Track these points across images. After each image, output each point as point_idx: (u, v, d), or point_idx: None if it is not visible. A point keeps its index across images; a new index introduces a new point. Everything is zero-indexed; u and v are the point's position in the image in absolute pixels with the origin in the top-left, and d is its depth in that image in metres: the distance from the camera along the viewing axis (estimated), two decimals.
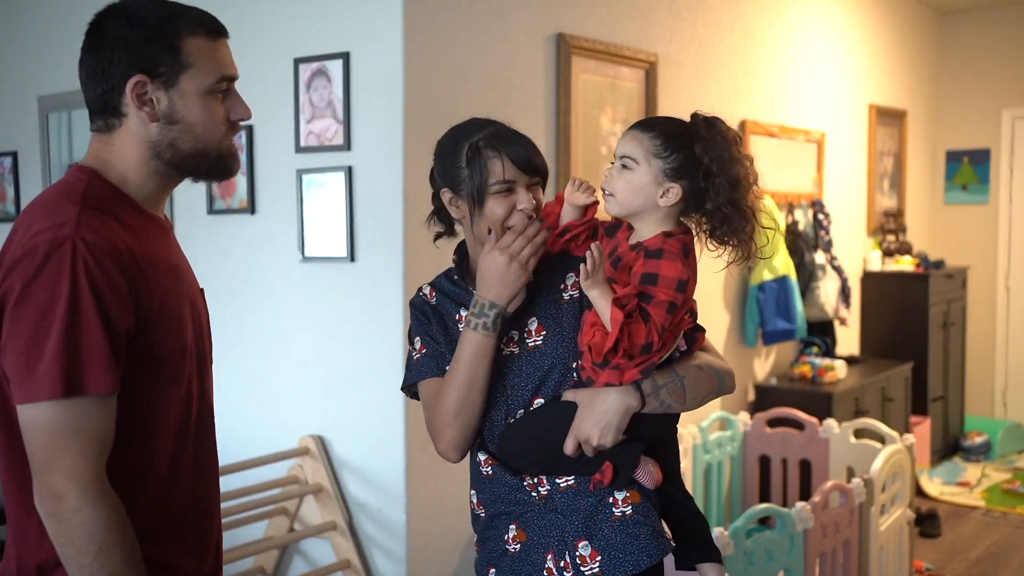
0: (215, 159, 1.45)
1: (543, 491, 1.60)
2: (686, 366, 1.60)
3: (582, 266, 1.48)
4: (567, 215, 1.64)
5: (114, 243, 1.32)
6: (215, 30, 1.43)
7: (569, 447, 1.54)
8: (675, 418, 1.64)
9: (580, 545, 1.57)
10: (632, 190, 1.55)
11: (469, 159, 1.62)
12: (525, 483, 1.61)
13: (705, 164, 1.53)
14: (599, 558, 1.56)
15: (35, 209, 1.37)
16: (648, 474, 1.58)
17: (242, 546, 2.87)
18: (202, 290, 1.60)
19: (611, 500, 1.58)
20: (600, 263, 1.49)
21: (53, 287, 1.27)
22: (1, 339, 1.31)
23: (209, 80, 1.40)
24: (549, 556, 1.59)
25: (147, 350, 1.36)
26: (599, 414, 1.52)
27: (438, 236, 1.78)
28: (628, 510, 1.58)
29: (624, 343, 1.46)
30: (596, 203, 1.63)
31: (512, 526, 1.63)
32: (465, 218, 1.65)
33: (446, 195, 1.67)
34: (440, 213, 1.75)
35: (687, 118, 1.60)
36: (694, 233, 1.60)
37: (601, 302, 1.47)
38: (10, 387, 1.33)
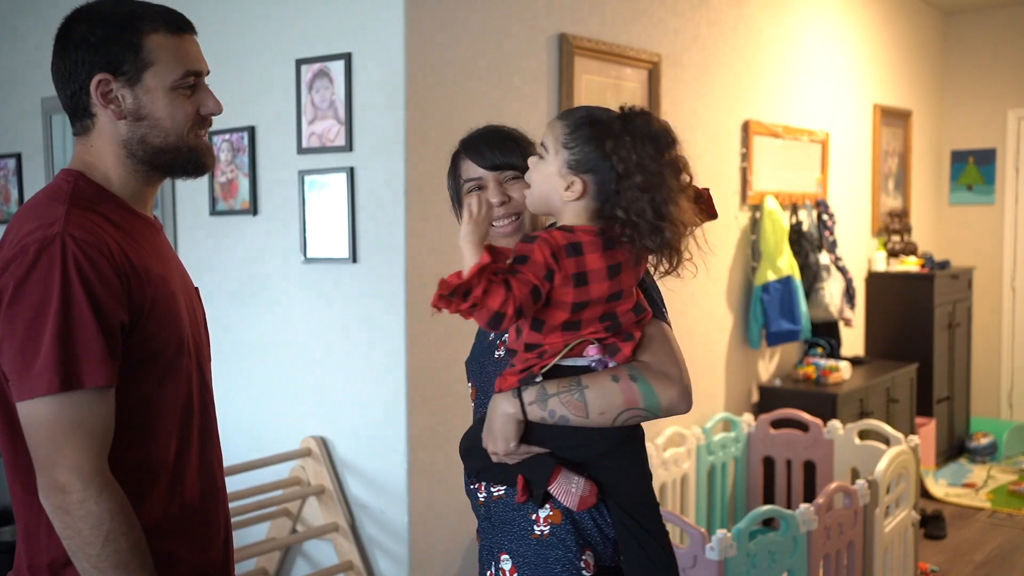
0: (187, 153, 1.47)
1: (481, 497, 1.59)
2: (597, 376, 1.43)
3: (464, 213, 1.40)
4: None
5: (103, 239, 1.35)
6: (178, 27, 1.45)
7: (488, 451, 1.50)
8: (607, 437, 1.45)
9: (503, 558, 1.54)
10: (540, 180, 1.47)
11: (452, 164, 1.71)
12: (472, 486, 1.61)
13: (612, 165, 1.41)
14: (516, 575, 1.52)
15: (24, 212, 1.39)
16: (568, 493, 1.45)
17: (245, 547, 2.86)
18: (196, 288, 1.61)
19: (533, 516, 1.51)
20: (480, 216, 1.39)
21: (45, 284, 1.29)
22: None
23: (173, 76, 1.42)
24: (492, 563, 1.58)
25: (142, 343, 1.38)
26: (488, 420, 1.47)
27: None
28: (546, 530, 1.49)
29: (477, 295, 1.34)
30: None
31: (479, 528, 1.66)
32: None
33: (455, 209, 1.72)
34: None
35: (692, 121, 1.57)
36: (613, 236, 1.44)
37: (470, 253, 1.37)
38: (10, 386, 1.34)
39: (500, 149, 1.65)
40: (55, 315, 1.28)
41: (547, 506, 1.49)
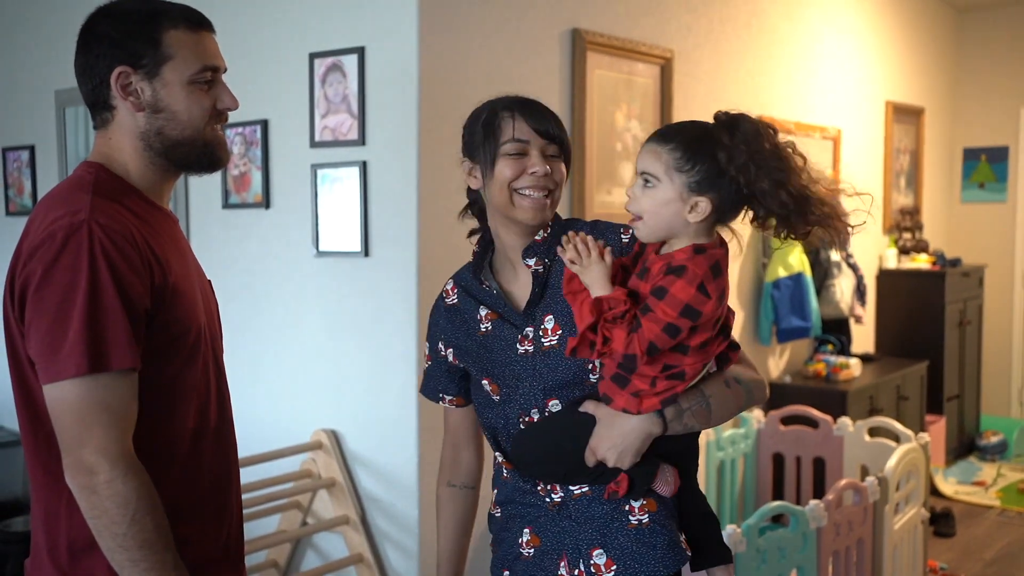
0: (202, 147, 1.49)
1: (556, 498, 1.57)
2: (714, 384, 1.52)
3: (564, 257, 1.49)
4: None
5: (128, 227, 1.38)
6: (197, 23, 1.49)
7: (589, 461, 1.51)
8: (688, 439, 1.58)
9: (595, 553, 1.54)
10: (657, 209, 1.45)
11: (485, 123, 1.60)
12: (538, 488, 1.59)
13: (732, 175, 1.43)
14: (614, 567, 1.52)
15: (49, 201, 1.42)
16: (665, 483, 1.54)
17: (255, 539, 2.88)
18: (209, 281, 1.64)
19: (627, 508, 1.54)
20: (587, 251, 1.47)
21: (73, 269, 1.31)
22: (24, 324, 1.36)
23: (191, 70, 1.46)
24: (562, 563, 1.57)
25: (164, 329, 1.41)
26: (617, 437, 1.48)
27: (471, 233, 1.73)
28: (644, 519, 1.53)
29: (599, 345, 1.41)
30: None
31: (526, 530, 1.61)
32: (482, 189, 1.61)
33: (465, 166, 1.64)
34: (473, 206, 1.71)
35: (703, 116, 1.56)
36: (731, 239, 1.52)
37: (586, 294, 1.46)
38: (34, 371, 1.37)
39: (555, 121, 1.60)
40: (83, 299, 1.30)
41: (640, 497, 1.55)
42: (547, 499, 1.58)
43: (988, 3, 6.36)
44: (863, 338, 5.46)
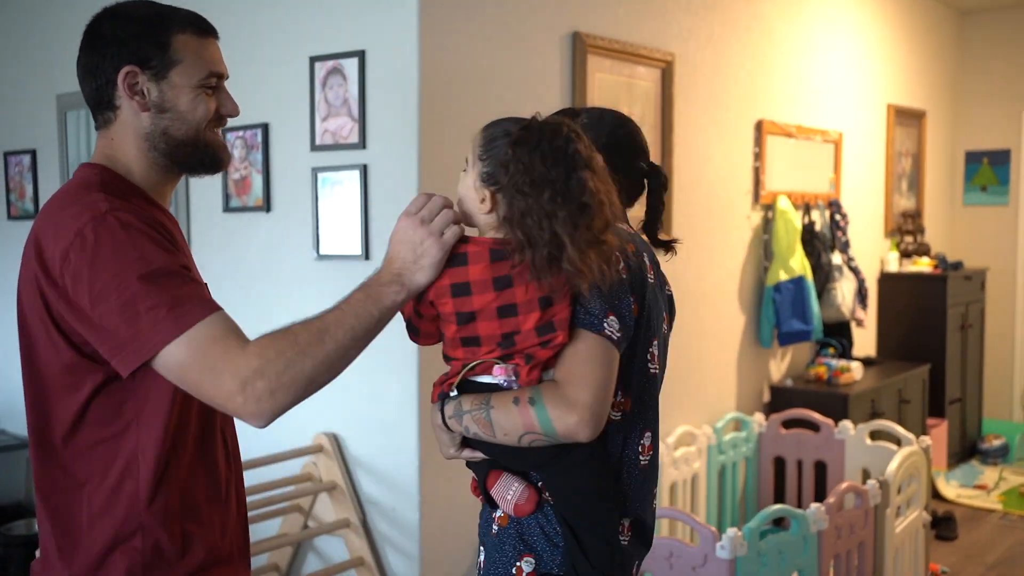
0: (203, 148, 1.51)
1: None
2: (503, 397, 1.41)
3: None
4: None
5: (146, 215, 1.40)
6: (204, 30, 1.51)
7: None
8: (537, 452, 1.42)
9: (480, 549, 1.57)
10: (462, 194, 1.47)
11: None
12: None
13: (505, 179, 1.38)
14: (483, 568, 1.55)
15: (58, 204, 1.42)
16: (504, 499, 1.46)
17: (256, 542, 2.88)
18: (206, 284, 1.64)
19: (494, 515, 1.53)
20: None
21: (117, 255, 1.32)
22: (92, 323, 1.34)
23: (198, 75, 1.47)
24: None
25: None
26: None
27: None
28: (497, 529, 1.52)
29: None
30: None
31: None
32: None
33: None
34: None
35: (704, 119, 1.53)
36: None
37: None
38: (53, 380, 1.40)
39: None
40: (141, 276, 1.31)
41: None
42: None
43: (990, 6, 6.36)
44: (864, 341, 5.46)
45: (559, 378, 1.41)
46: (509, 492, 1.46)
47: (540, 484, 1.47)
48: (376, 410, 3.00)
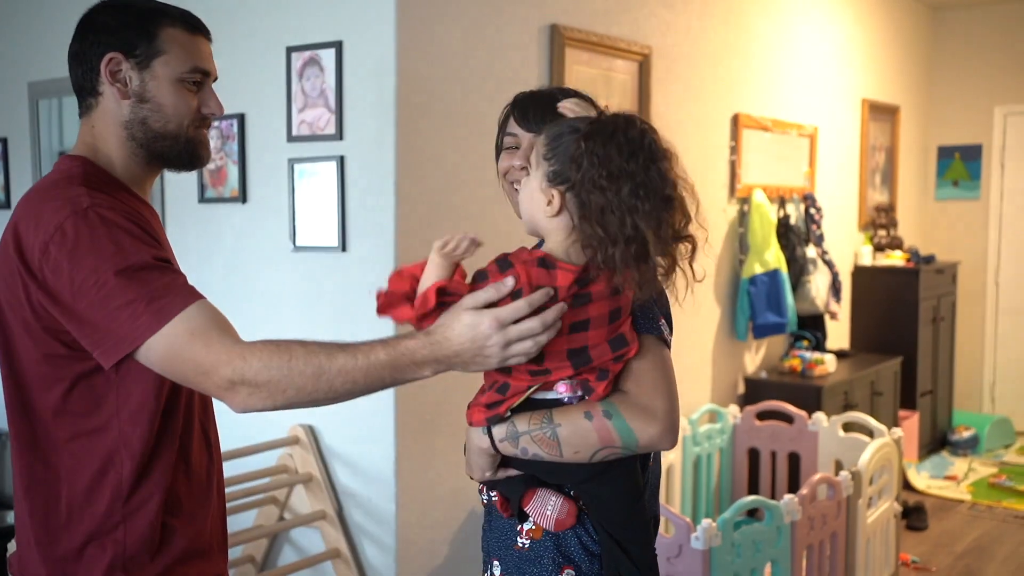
0: (184, 144, 1.50)
1: (484, 499, 1.56)
2: (570, 413, 1.35)
3: (436, 244, 1.30)
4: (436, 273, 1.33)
5: (128, 212, 1.40)
6: (195, 26, 1.51)
7: None
8: (586, 467, 1.37)
9: (494, 563, 1.51)
10: (525, 199, 1.38)
11: (502, 119, 1.64)
12: (479, 486, 1.57)
13: (577, 174, 1.30)
14: None
15: (38, 196, 1.41)
16: (543, 515, 1.41)
17: (232, 535, 2.87)
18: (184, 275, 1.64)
19: (519, 528, 1.46)
20: (449, 251, 1.30)
21: (96, 249, 1.32)
22: (74, 315, 1.34)
23: (181, 68, 1.47)
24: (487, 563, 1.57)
25: None
26: (467, 447, 1.46)
27: None
28: (527, 543, 1.45)
29: (427, 312, 1.31)
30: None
31: None
32: None
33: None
34: None
35: (681, 112, 1.51)
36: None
37: (429, 277, 1.32)
38: (32, 371, 1.39)
39: (544, 114, 1.54)
40: (120, 269, 1.31)
41: (530, 519, 1.44)
42: (483, 498, 1.57)
43: (963, 2, 6.42)
44: (838, 334, 5.51)
45: (629, 388, 1.36)
46: (548, 507, 1.41)
47: (572, 493, 1.42)
48: (352, 402, 2.98)
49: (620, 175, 1.28)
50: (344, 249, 2.96)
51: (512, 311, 1.26)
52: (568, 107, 1.45)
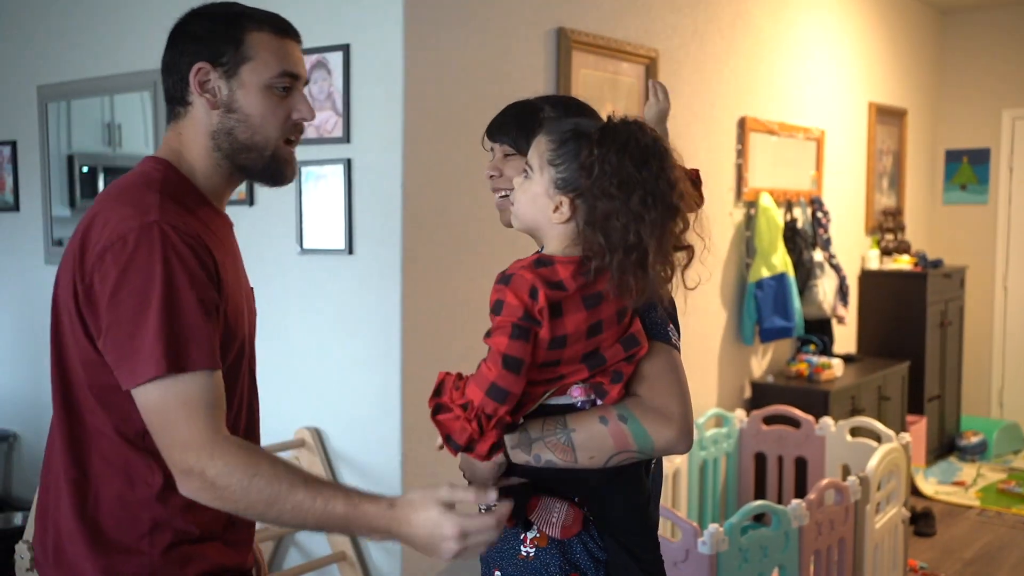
0: (268, 158, 1.48)
1: (482, 508, 1.53)
2: (584, 418, 1.34)
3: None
4: None
5: (195, 230, 1.38)
6: (283, 30, 1.48)
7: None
8: (596, 474, 1.37)
9: (495, 573, 1.49)
10: (527, 202, 1.37)
11: None
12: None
13: (588, 181, 1.29)
14: None
15: (114, 198, 1.40)
16: (549, 523, 1.39)
17: None
18: (251, 288, 1.64)
19: (522, 536, 1.45)
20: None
21: (147, 271, 1.30)
22: (100, 326, 1.33)
23: (269, 73, 1.45)
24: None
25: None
26: (471, 458, 1.43)
27: None
28: (532, 551, 1.44)
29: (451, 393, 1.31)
30: None
31: None
32: None
33: None
34: None
35: (687, 115, 1.52)
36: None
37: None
38: (82, 369, 1.38)
39: (505, 124, 1.63)
40: (159, 300, 1.29)
41: (534, 527, 1.43)
42: (480, 507, 1.54)
43: (970, 5, 6.40)
44: (845, 338, 5.49)
45: (642, 392, 1.36)
46: (553, 515, 1.40)
47: (577, 500, 1.42)
48: (359, 404, 2.99)
49: (631, 183, 1.28)
50: (351, 252, 2.96)
51: (478, 526, 1.27)
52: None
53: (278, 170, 1.50)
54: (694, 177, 1.52)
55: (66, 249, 1.41)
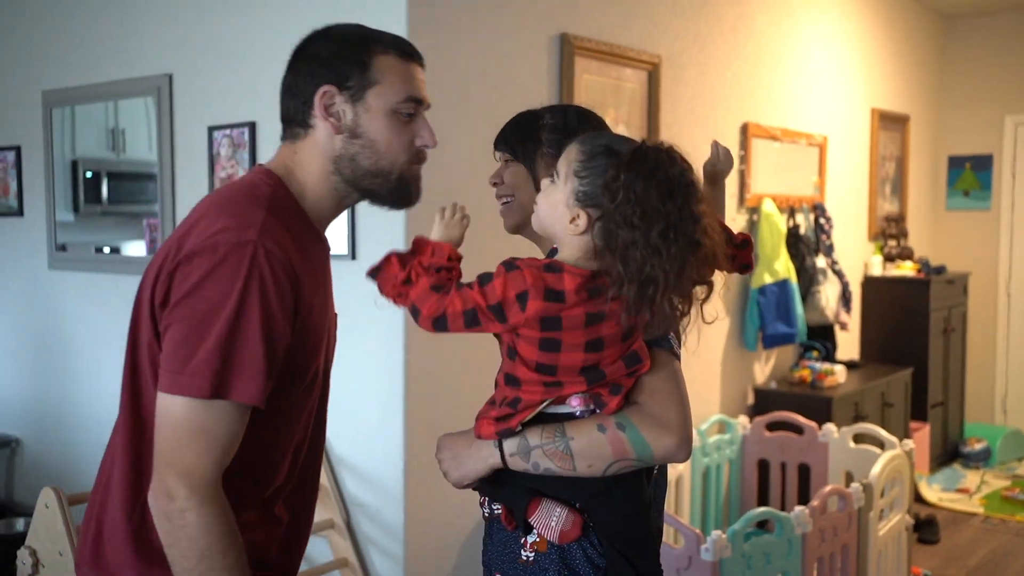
0: (395, 182, 1.45)
1: (485, 512, 1.54)
2: (582, 426, 1.35)
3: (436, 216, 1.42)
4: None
5: (289, 256, 1.33)
6: (409, 54, 1.45)
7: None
8: (596, 481, 1.38)
9: (496, 575, 1.50)
10: (546, 208, 1.38)
11: None
12: (480, 499, 1.55)
13: (611, 205, 1.28)
14: None
15: (219, 204, 1.36)
16: (548, 527, 1.39)
17: None
18: (336, 315, 1.59)
19: (522, 541, 1.45)
20: (449, 220, 1.43)
21: (225, 287, 1.27)
22: (165, 324, 1.31)
23: (395, 98, 1.41)
24: None
25: (287, 364, 1.36)
26: (461, 454, 1.45)
27: None
28: (531, 556, 1.44)
29: (399, 281, 1.35)
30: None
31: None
32: None
33: None
34: None
35: (689, 121, 1.52)
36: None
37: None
38: (151, 368, 1.34)
39: (505, 132, 1.66)
40: (226, 320, 1.26)
41: (534, 532, 1.42)
42: (483, 511, 1.55)
43: (973, 11, 6.41)
44: (848, 345, 5.49)
45: (642, 400, 1.37)
46: (552, 519, 1.39)
47: (577, 506, 1.41)
48: (362, 411, 2.99)
49: (654, 215, 1.27)
50: (354, 257, 2.97)
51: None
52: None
53: (405, 193, 1.47)
54: (740, 240, 1.50)
55: (159, 249, 1.38)
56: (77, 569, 1.44)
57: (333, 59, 1.41)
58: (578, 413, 1.37)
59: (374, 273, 1.39)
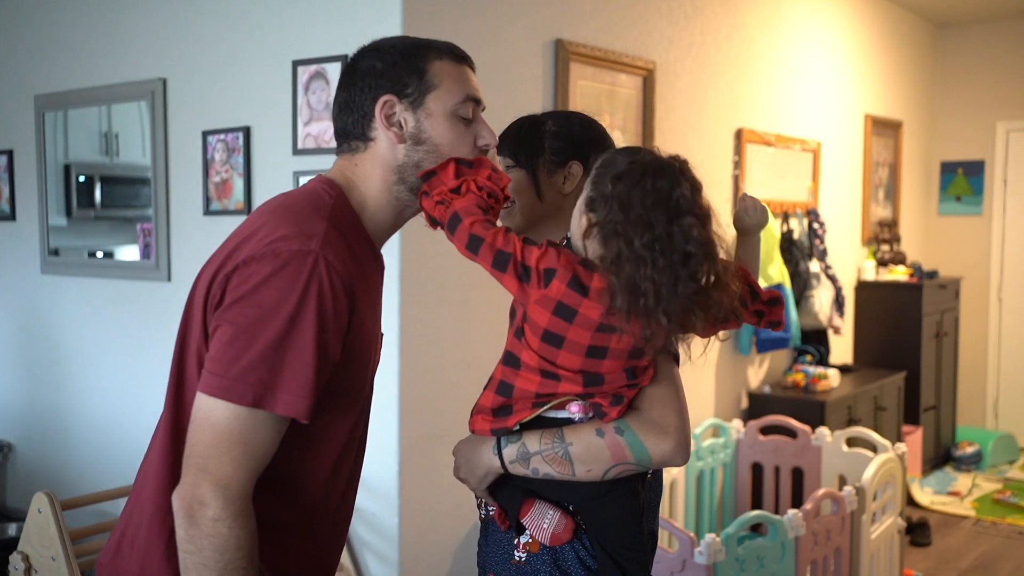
0: None
1: (481, 513, 1.56)
2: (581, 431, 1.36)
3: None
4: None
5: (348, 270, 1.32)
6: (460, 57, 1.46)
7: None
8: (593, 486, 1.39)
9: (489, 575, 1.51)
10: (575, 214, 1.39)
11: None
12: (476, 500, 1.56)
13: (603, 213, 1.29)
14: None
15: (281, 212, 1.35)
16: (540, 528, 1.40)
17: None
18: (382, 334, 1.57)
19: (515, 541, 1.46)
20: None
21: (282, 295, 1.25)
22: (211, 325, 1.30)
23: (454, 100, 1.42)
24: None
25: (332, 382, 1.34)
26: (467, 454, 1.47)
27: None
28: (524, 556, 1.45)
29: (448, 189, 1.36)
30: None
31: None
32: None
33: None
34: None
35: (683, 126, 1.53)
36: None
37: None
38: (198, 369, 1.32)
39: (506, 137, 1.66)
40: (278, 328, 1.24)
41: (527, 532, 1.44)
42: (480, 512, 1.56)
43: (965, 19, 6.44)
44: (841, 349, 5.50)
45: (640, 404, 1.37)
46: (544, 521, 1.40)
47: (571, 509, 1.42)
48: None
49: (638, 224, 1.27)
50: None
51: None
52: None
53: None
54: (767, 298, 1.49)
55: (215, 252, 1.37)
56: (99, 568, 1.42)
57: (389, 69, 1.41)
58: (577, 419, 1.38)
59: (428, 175, 1.39)
